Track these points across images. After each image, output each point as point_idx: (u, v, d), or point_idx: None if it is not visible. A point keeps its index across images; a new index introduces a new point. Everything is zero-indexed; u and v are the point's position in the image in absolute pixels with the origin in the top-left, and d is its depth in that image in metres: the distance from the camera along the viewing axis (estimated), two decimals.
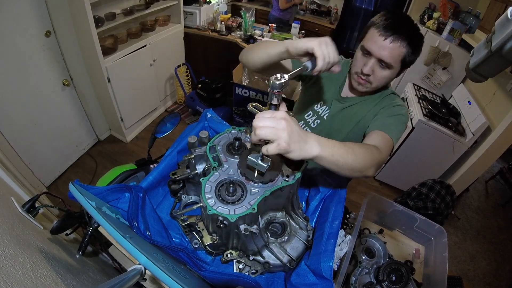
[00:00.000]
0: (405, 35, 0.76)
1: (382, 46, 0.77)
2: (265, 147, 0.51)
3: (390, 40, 0.76)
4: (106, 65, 2.11)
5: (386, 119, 0.86)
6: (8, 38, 1.65)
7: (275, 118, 0.50)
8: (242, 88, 2.56)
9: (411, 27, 0.78)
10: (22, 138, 1.89)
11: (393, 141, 0.81)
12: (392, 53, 0.77)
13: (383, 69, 0.82)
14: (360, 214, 0.93)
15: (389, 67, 0.81)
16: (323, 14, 4.17)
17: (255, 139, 0.50)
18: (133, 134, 2.76)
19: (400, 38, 0.75)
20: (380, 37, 0.77)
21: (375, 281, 0.92)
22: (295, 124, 0.52)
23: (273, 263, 0.67)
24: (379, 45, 0.77)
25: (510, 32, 0.87)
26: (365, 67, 0.83)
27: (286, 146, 0.49)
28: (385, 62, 0.79)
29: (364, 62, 0.84)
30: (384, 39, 0.76)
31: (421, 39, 0.80)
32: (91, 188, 0.62)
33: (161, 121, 1.20)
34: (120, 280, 0.46)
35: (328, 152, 0.56)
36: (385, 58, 0.78)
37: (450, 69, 2.63)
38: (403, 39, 0.75)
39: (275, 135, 0.49)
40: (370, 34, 0.80)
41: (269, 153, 0.50)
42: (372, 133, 0.82)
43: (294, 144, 0.51)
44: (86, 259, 0.99)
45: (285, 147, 0.49)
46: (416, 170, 2.41)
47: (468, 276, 2.11)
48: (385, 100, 0.93)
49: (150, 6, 2.46)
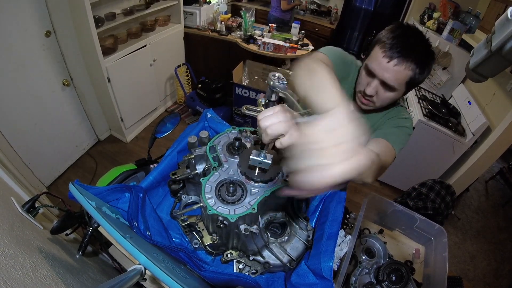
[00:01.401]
0: (412, 56, 0.70)
1: (385, 68, 0.72)
2: (278, 141, 0.50)
3: (395, 63, 0.71)
4: (106, 65, 2.12)
5: (391, 129, 0.85)
6: (8, 38, 1.65)
7: (278, 113, 0.51)
8: (242, 88, 2.56)
9: (420, 45, 0.73)
10: (22, 138, 1.89)
11: (395, 150, 0.79)
12: (396, 76, 0.73)
13: (387, 91, 0.78)
14: (360, 214, 0.93)
15: (392, 89, 0.77)
16: (323, 14, 4.18)
17: (268, 138, 0.50)
18: (133, 134, 2.76)
19: (406, 60, 0.70)
20: (384, 58, 0.72)
21: (375, 281, 0.92)
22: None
23: (273, 263, 0.67)
24: (383, 67, 0.73)
25: (510, 32, 0.87)
26: (368, 88, 0.80)
27: (297, 134, 0.49)
28: (388, 85, 0.75)
29: (367, 82, 0.80)
30: (388, 61, 0.71)
31: (431, 58, 0.75)
32: (91, 188, 0.62)
33: (161, 121, 1.20)
34: (120, 280, 0.46)
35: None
36: (389, 81, 0.74)
37: (450, 69, 2.63)
38: (409, 61, 0.70)
39: (285, 127, 0.49)
40: (374, 53, 0.76)
41: (283, 146, 0.50)
42: (375, 140, 0.80)
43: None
44: (86, 259, 0.99)
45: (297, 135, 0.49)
46: (416, 170, 2.41)
47: (468, 276, 2.11)
48: (392, 111, 0.91)
49: (150, 6, 2.46)
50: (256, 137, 0.76)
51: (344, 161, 0.36)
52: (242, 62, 2.83)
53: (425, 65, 0.73)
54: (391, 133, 0.83)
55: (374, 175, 0.68)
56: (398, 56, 0.70)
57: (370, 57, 0.78)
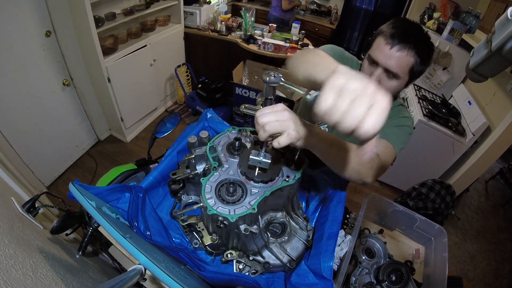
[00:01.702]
0: (413, 43, 0.72)
1: (388, 55, 0.74)
2: (275, 141, 0.51)
3: (397, 49, 0.73)
4: (106, 65, 2.12)
5: (391, 129, 0.85)
6: (8, 38, 1.65)
7: (276, 111, 0.51)
8: (242, 88, 2.56)
9: (420, 36, 0.75)
10: (22, 138, 1.89)
11: (396, 150, 0.79)
12: (399, 63, 0.74)
13: (390, 79, 0.79)
14: (360, 214, 0.93)
15: (396, 77, 0.77)
16: (323, 14, 4.17)
17: (265, 135, 0.51)
18: (133, 134, 2.76)
19: (408, 47, 0.72)
20: (386, 45, 0.74)
21: (375, 281, 0.92)
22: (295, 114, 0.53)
23: (273, 263, 0.67)
24: (386, 54, 0.74)
25: (510, 32, 0.87)
26: (371, 77, 0.80)
27: (295, 133, 0.50)
28: (392, 72, 0.76)
29: (370, 72, 0.81)
30: (391, 48, 0.73)
31: (431, 49, 0.77)
32: (91, 188, 0.62)
33: (161, 121, 1.20)
34: (120, 280, 0.46)
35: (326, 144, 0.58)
36: (392, 67, 0.75)
37: (450, 69, 2.63)
38: (410, 48, 0.72)
39: (283, 127, 0.50)
40: (377, 43, 0.78)
41: (280, 145, 0.51)
42: None
43: (301, 131, 0.52)
44: (86, 259, 0.99)
45: (295, 135, 0.50)
46: (416, 170, 2.41)
47: (468, 276, 2.11)
48: (392, 111, 0.91)
49: (150, 6, 2.46)
50: (256, 137, 0.76)
51: (381, 93, 0.36)
52: (242, 62, 2.83)
53: (425, 54, 0.75)
54: (392, 133, 0.83)
55: (374, 175, 0.68)
56: (400, 42, 0.72)
57: (372, 48, 0.80)
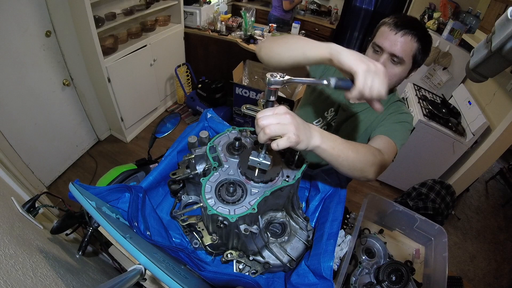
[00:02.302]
0: (415, 31, 0.77)
1: (394, 40, 0.78)
2: (274, 143, 0.51)
3: (402, 34, 0.77)
4: (106, 65, 2.12)
5: (392, 125, 0.86)
6: (8, 38, 1.65)
7: (278, 114, 0.51)
8: (242, 88, 2.56)
9: (420, 26, 0.80)
10: (22, 138, 1.89)
11: (397, 147, 0.81)
12: (404, 47, 0.78)
13: (395, 65, 0.82)
14: (360, 214, 0.93)
15: (401, 62, 0.80)
16: (323, 14, 4.17)
17: (265, 138, 0.51)
18: (133, 134, 2.76)
19: (411, 33, 0.77)
20: (391, 32, 0.78)
21: (375, 281, 0.92)
22: (297, 117, 0.54)
23: (273, 263, 0.67)
24: (391, 40, 0.78)
25: (510, 32, 0.87)
26: None
27: (295, 137, 0.51)
28: (397, 56, 0.79)
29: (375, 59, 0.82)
30: (396, 33, 0.78)
31: (430, 39, 0.82)
32: (91, 188, 0.62)
33: (161, 121, 1.20)
34: (120, 280, 0.46)
35: (329, 145, 0.58)
36: (397, 52, 0.78)
37: (450, 69, 2.63)
38: (413, 34, 0.77)
39: (283, 130, 0.50)
40: (381, 31, 0.82)
41: (279, 148, 0.51)
42: (376, 137, 0.82)
43: (302, 135, 0.52)
44: (86, 259, 0.99)
45: (295, 139, 0.51)
46: (416, 170, 2.41)
47: (468, 276, 2.11)
48: (392, 107, 0.94)
49: (150, 6, 2.46)
50: (256, 138, 0.76)
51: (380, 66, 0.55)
52: (242, 62, 2.83)
53: (426, 42, 0.80)
54: (393, 129, 0.84)
55: (377, 171, 0.68)
56: (404, 28, 0.77)
57: (377, 36, 0.83)
